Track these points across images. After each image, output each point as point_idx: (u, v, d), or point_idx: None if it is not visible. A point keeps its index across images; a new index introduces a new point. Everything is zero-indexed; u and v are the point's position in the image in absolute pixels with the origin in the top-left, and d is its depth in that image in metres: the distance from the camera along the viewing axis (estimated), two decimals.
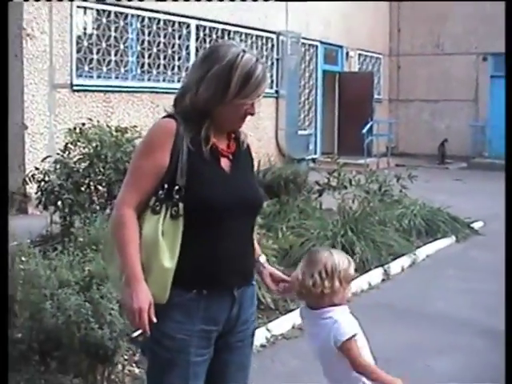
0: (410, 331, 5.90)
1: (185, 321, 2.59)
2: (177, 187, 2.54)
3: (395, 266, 7.86)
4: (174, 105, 2.69)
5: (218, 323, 2.66)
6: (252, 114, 2.68)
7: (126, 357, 4.69)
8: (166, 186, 2.56)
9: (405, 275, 7.84)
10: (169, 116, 2.66)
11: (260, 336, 5.44)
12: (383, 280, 7.51)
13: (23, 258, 4.58)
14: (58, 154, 7.51)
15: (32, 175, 7.53)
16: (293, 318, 5.88)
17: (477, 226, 10.41)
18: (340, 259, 3.01)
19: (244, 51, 2.61)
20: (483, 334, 5.90)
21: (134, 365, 4.69)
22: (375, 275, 7.45)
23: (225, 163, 2.67)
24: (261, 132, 16.07)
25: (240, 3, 14.90)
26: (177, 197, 2.54)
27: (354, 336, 2.98)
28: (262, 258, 2.95)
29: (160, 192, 2.56)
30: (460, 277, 7.78)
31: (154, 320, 2.51)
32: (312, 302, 3.06)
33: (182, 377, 2.62)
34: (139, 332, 2.53)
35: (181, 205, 2.54)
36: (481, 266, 8.34)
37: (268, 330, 5.58)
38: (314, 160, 18.06)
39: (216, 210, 2.57)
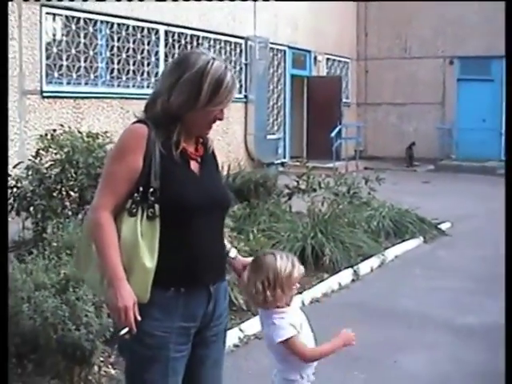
0: (378, 329, 6.03)
1: (164, 318, 2.69)
2: (151, 189, 2.64)
3: (364, 267, 8.01)
4: (145, 110, 2.79)
5: (196, 319, 2.77)
6: (221, 119, 2.80)
7: (101, 358, 4.76)
8: (140, 188, 2.65)
9: (374, 275, 7.99)
10: (139, 121, 2.76)
11: (233, 336, 5.55)
12: (353, 280, 7.66)
13: None
14: (29, 160, 7.55)
15: None
16: None
17: (444, 226, 10.61)
18: (282, 265, 3.04)
19: (214, 59, 2.72)
20: (450, 330, 6.08)
21: (109, 366, 4.77)
22: (345, 276, 7.59)
23: (194, 166, 2.79)
24: (230, 137, 16.18)
25: (208, 8, 14.99)
26: (152, 199, 2.64)
27: (290, 338, 3.05)
28: (233, 253, 3.07)
29: (135, 195, 2.65)
30: (427, 276, 7.96)
31: (139, 318, 2.60)
32: (258, 305, 3.17)
33: (162, 373, 2.72)
34: (126, 330, 2.61)
35: (156, 206, 2.64)
36: (447, 265, 8.54)
37: (241, 330, 5.68)
38: (283, 164, 18.24)
39: (189, 210, 2.68)
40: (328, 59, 21.16)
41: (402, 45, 22.06)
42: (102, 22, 12.42)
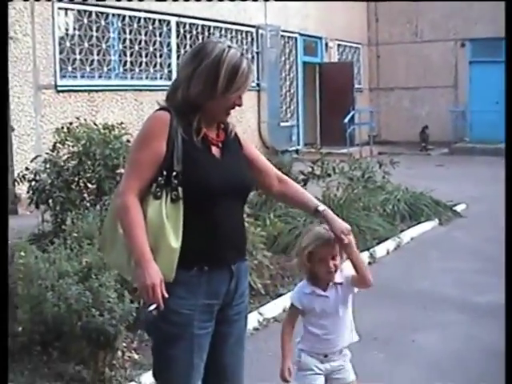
0: (396, 310, 6.13)
1: (188, 296, 2.79)
2: (174, 173, 2.74)
3: (380, 250, 8.09)
4: (167, 99, 2.89)
5: (218, 297, 2.87)
6: (240, 105, 2.89)
7: (124, 344, 4.87)
8: (164, 172, 2.75)
9: (390, 258, 8.07)
10: (162, 109, 2.86)
11: (253, 320, 5.65)
12: (369, 263, 7.71)
13: (22, 253, 4.75)
14: (46, 153, 7.66)
15: (23, 175, 7.69)
16: (283, 302, 6.09)
17: (459, 208, 10.66)
18: (303, 238, 3.32)
19: (229, 47, 2.81)
20: (465, 310, 6.16)
21: (133, 351, 4.88)
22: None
23: (215, 151, 2.89)
24: (244, 125, 16.26)
25: None
26: (175, 182, 2.74)
27: None
28: (321, 207, 3.13)
29: (160, 178, 2.74)
30: (443, 257, 8.03)
31: (166, 295, 2.70)
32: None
33: (188, 349, 2.83)
34: (154, 306, 2.70)
35: (180, 189, 2.74)
36: (463, 246, 8.59)
37: (260, 313, 5.79)
38: (297, 151, 18.29)
39: (210, 192, 2.78)
40: (339, 45, 21.19)
41: (412, 29, 22.04)
42: (113, 15, 12.55)
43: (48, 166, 7.43)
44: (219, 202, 2.81)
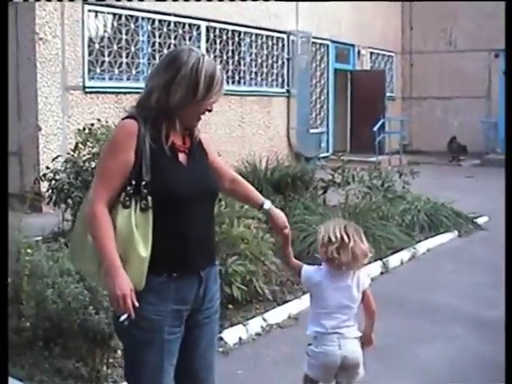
0: (400, 321, 6.11)
1: (158, 302, 2.85)
2: (144, 182, 2.79)
3: (394, 260, 8.07)
4: (138, 105, 2.93)
5: (187, 303, 2.93)
6: (210, 111, 2.96)
7: None
8: (133, 182, 2.80)
9: (403, 268, 8.05)
10: (129, 117, 2.91)
11: (256, 325, 5.70)
12: (382, 273, 7.72)
13: (29, 251, 4.86)
14: (68, 153, 7.81)
15: (43, 174, 7.85)
16: (289, 309, 6.14)
17: (481, 221, 10.57)
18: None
19: (203, 55, 2.89)
20: (474, 324, 6.09)
21: None
22: (373, 268, 7.64)
23: (182, 158, 2.95)
24: (272, 131, 16.33)
25: (250, 3, 15.14)
26: (145, 191, 2.79)
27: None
28: (267, 204, 3.27)
29: (128, 188, 2.80)
30: (459, 270, 7.97)
31: (137, 304, 2.75)
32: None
33: (158, 354, 2.89)
34: (125, 316, 2.75)
35: (149, 198, 2.80)
36: (480, 259, 8.52)
37: (264, 319, 5.82)
38: (326, 158, 18.26)
39: (179, 200, 2.84)
40: (372, 53, 21.14)
41: (447, 38, 21.91)
42: (143, 18, 12.68)
43: (68, 165, 7.58)
44: (187, 209, 2.87)
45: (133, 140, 2.82)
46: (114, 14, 12.12)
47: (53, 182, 7.58)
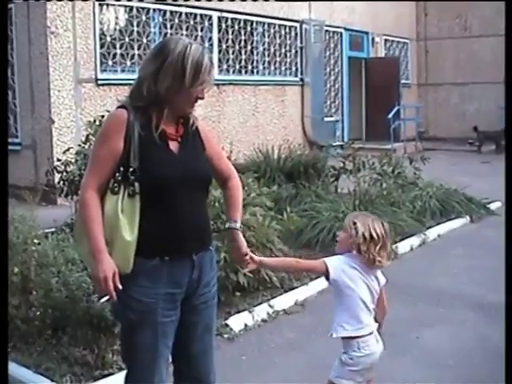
0: (406, 306, 6.11)
1: (150, 285, 2.93)
2: (131, 169, 2.87)
3: (404, 246, 8.09)
4: (130, 96, 3.00)
5: (181, 286, 3.00)
6: (202, 98, 3.00)
7: None
8: (121, 168, 2.88)
9: (413, 254, 8.06)
10: (121, 107, 2.99)
11: (262, 311, 5.76)
12: (391, 259, 7.72)
13: (35, 241, 4.94)
14: (79, 145, 7.91)
15: (54, 167, 7.95)
16: (296, 295, 6.19)
17: (494, 206, 10.51)
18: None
19: (191, 43, 2.94)
20: (480, 309, 6.08)
21: None
22: None
23: (173, 145, 3.01)
24: (286, 120, 16.35)
25: None
26: (132, 177, 2.87)
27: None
28: (234, 226, 3.19)
29: (117, 174, 2.88)
30: (468, 255, 7.97)
31: (120, 286, 2.83)
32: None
33: (152, 336, 2.97)
34: (106, 298, 2.85)
35: (136, 184, 2.87)
36: (491, 244, 8.46)
37: (270, 305, 5.87)
38: (341, 146, 18.23)
39: (166, 186, 2.91)
40: (386, 40, 21.05)
41: (462, 23, 21.78)
42: (154, 10, 12.74)
43: (79, 157, 7.67)
44: (176, 195, 2.93)
45: (121, 128, 2.90)
46: (125, 6, 12.18)
47: (64, 173, 7.68)
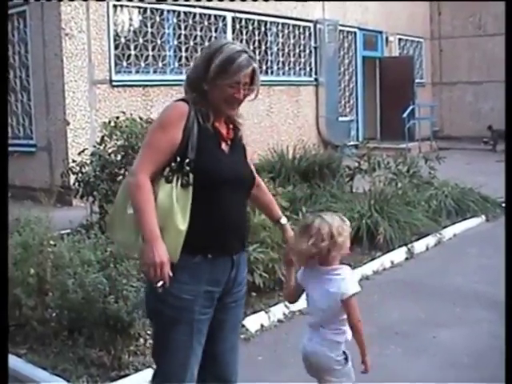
0: (422, 306, 6.10)
1: (191, 282, 2.96)
2: (187, 160, 2.93)
3: (420, 245, 8.06)
4: (185, 92, 3.12)
5: (220, 284, 3.04)
6: (238, 99, 3.04)
7: (149, 332, 5.04)
8: (178, 158, 2.93)
9: (429, 254, 8.03)
10: (181, 100, 3.08)
11: (278, 311, 5.75)
12: (407, 258, 7.72)
13: (51, 242, 4.96)
14: (94, 146, 7.93)
15: (69, 168, 7.97)
16: None
17: None
18: (335, 222, 3.35)
19: (233, 43, 3.05)
20: (496, 308, 5.99)
21: None
22: (398, 254, 7.66)
23: (224, 146, 3.10)
24: (301, 120, 16.33)
25: None
26: (187, 168, 2.92)
27: (355, 293, 3.28)
28: (283, 220, 3.49)
29: (173, 164, 2.93)
30: (484, 254, 7.92)
31: (171, 274, 2.84)
32: (312, 264, 3.36)
33: (187, 333, 2.99)
34: (161, 283, 2.84)
35: (191, 175, 2.92)
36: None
37: (286, 306, 5.84)
38: (356, 146, 18.18)
39: (220, 182, 2.97)
40: (400, 39, 20.97)
41: (476, 22, 21.66)
42: (168, 11, 12.76)
43: (94, 158, 7.69)
44: (226, 193, 2.99)
45: (183, 120, 2.97)
46: (139, 8, 12.20)
47: (79, 175, 7.70)
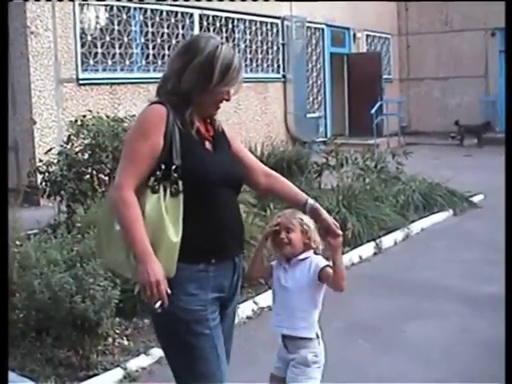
0: (391, 300, 6.16)
1: (200, 292, 2.80)
2: (174, 166, 2.74)
3: (388, 240, 8.12)
4: (157, 93, 2.93)
5: (224, 290, 2.90)
6: (227, 100, 2.92)
7: (118, 331, 5.04)
8: (162, 166, 2.75)
9: (397, 248, 8.10)
10: (156, 102, 2.88)
11: (247, 308, 5.76)
12: (375, 253, 7.77)
13: (17, 242, 4.92)
14: (61, 145, 7.88)
15: (36, 167, 7.91)
16: None
17: (476, 199, 10.60)
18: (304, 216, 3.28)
19: (222, 43, 2.87)
20: (465, 301, 6.12)
21: (124, 338, 5.03)
22: (366, 249, 7.71)
23: (208, 145, 2.92)
24: (269, 116, 16.35)
25: None
26: (175, 175, 2.74)
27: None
28: (311, 200, 3.15)
29: (158, 172, 2.74)
30: (452, 248, 8.02)
31: (169, 291, 2.67)
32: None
33: (210, 342, 2.82)
34: (159, 303, 2.67)
35: (180, 182, 2.74)
36: (474, 237, 8.56)
37: (255, 302, 5.88)
38: (325, 142, 18.25)
39: (210, 185, 2.81)
40: (368, 36, 21.07)
41: (443, 18, 21.84)
42: (135, 8, 12.69)
43: (61, 158, 7.64)
44: (219, 195, 2.83)
45: (162, 123, 2.78)
46: (106, 5, 12.12)
47: (46, 174, 7.65)
